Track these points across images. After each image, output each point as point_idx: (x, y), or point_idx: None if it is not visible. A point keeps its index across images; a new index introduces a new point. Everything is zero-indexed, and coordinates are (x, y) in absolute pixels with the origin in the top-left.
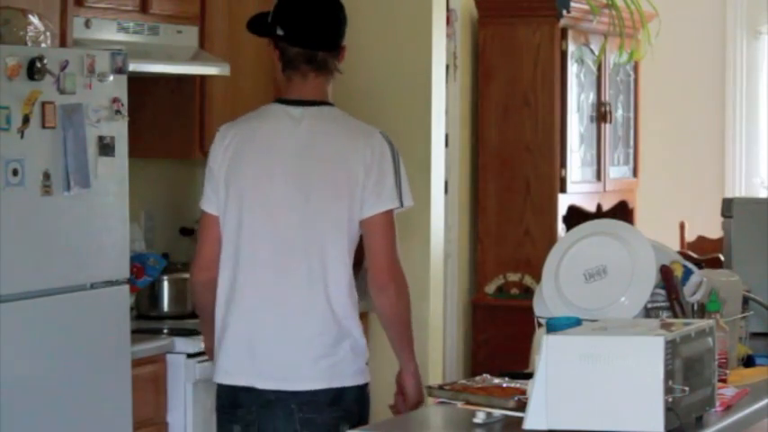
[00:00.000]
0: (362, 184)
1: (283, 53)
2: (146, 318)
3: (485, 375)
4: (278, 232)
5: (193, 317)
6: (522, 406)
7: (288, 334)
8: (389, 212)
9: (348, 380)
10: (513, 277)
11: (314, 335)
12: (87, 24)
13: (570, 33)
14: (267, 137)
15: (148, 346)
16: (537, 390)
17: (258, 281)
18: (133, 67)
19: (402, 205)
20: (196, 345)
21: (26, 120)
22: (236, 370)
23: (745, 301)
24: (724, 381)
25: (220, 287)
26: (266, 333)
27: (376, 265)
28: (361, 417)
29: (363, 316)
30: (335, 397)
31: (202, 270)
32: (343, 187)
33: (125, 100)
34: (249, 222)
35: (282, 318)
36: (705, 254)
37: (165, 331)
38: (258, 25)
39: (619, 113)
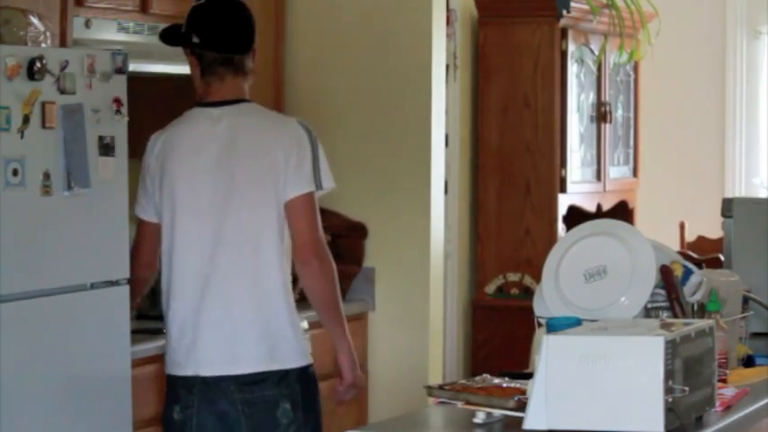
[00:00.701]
0: (284, 170)
1: (201, 59)
2: (146, 318)
3: (485, 375)
4: (207, 226)
5: None
6: (522, 406)
7: (224, 322)
8: (310, 195)
9: (289, 362)
10: (513, 277)
11: (249, 320)
12: (87, 24)
13: (570, 33)
14: (191, 140)
15: (148, 346)
16: (537, 390)
17: (193, 276)
18: (133, 67)
19: (322, 188)
20: None
21: (26, 120)
22: (182, 361)
23: (745, 301)
24: (724, 381)
25: (163, 286)
26: (204, 324)
27: (298, 242)
28: (305, 397)
29: (361, 317)
30: (277, 379)
31: (144, 267)
32: (267, 175)
33: (125, 100)
34: (181, 222)
35: (218, 307)
36: (705, 254)
37: (165, 331)
38: (172, 36)
39: (619, 113)
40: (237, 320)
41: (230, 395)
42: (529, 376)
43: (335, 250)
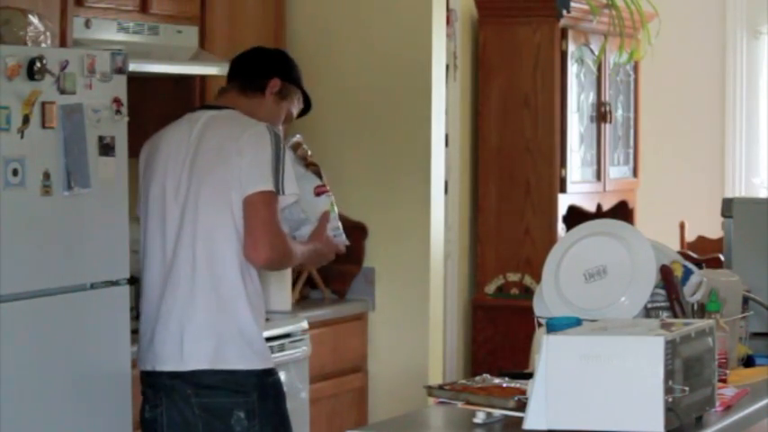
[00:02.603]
0: (238, 167)
1: None
2: None
3: (485, 375)
4: (170, 228)
5: None
6: (522, 406)
7: (174, 318)
8: (267, 194)
9: (234, 363)
10: (513, 277)
11: (195, 316)
12: (87, 24)
13: (570, 33)
14: (167, 143)
15: None
16: (537, 390)
17: (156, 277)
18: (133, 67)
19: (283, 192)
20: None
21: (26, 120)
22: (143, 357)
23: (745, 301)
24: (724, 381)
25: (140, 286)
26: (159, 320)
27: (249, 240)
28: (263, 406)
29: (361, 317)
30: (227, 381)
31: None
32: (220, 175)
33: (125, 100)
34: (149, 224)
35: (171, 304)
36: (705, 254)
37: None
38: None
39: (619, 113)
40: (189, 319)
41: (187, 399)
42: (529, 376)
43: None
